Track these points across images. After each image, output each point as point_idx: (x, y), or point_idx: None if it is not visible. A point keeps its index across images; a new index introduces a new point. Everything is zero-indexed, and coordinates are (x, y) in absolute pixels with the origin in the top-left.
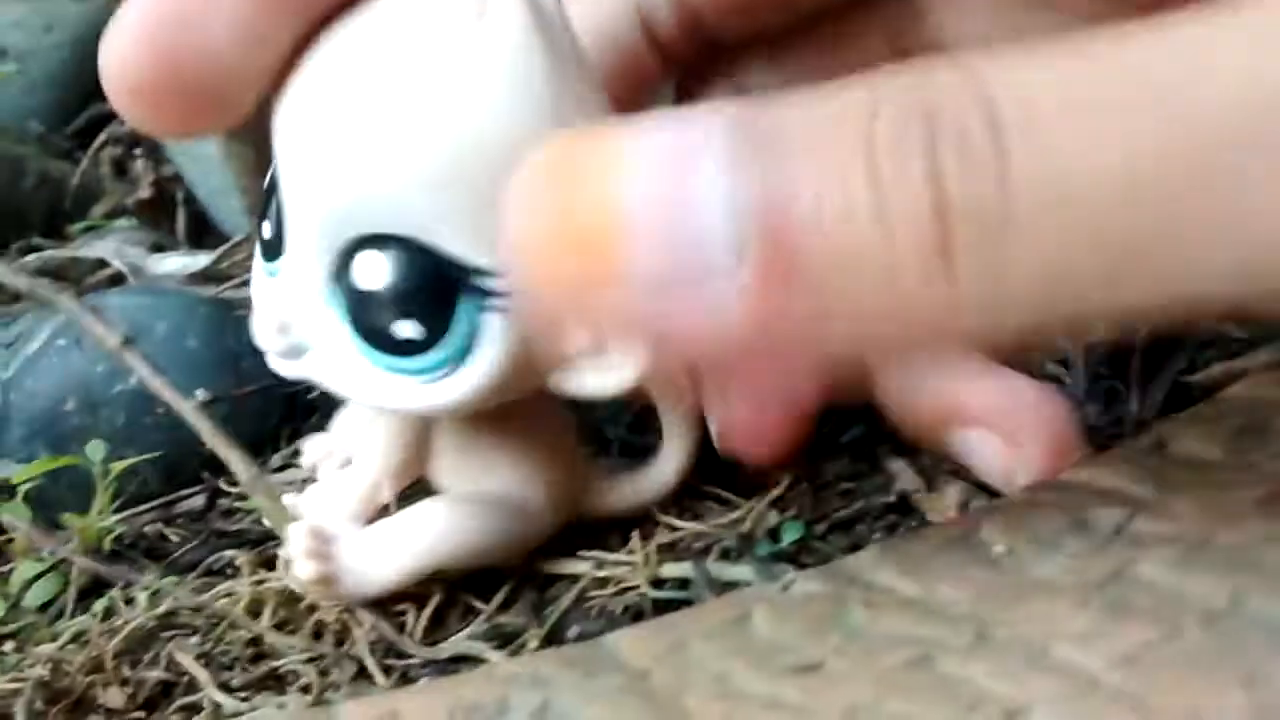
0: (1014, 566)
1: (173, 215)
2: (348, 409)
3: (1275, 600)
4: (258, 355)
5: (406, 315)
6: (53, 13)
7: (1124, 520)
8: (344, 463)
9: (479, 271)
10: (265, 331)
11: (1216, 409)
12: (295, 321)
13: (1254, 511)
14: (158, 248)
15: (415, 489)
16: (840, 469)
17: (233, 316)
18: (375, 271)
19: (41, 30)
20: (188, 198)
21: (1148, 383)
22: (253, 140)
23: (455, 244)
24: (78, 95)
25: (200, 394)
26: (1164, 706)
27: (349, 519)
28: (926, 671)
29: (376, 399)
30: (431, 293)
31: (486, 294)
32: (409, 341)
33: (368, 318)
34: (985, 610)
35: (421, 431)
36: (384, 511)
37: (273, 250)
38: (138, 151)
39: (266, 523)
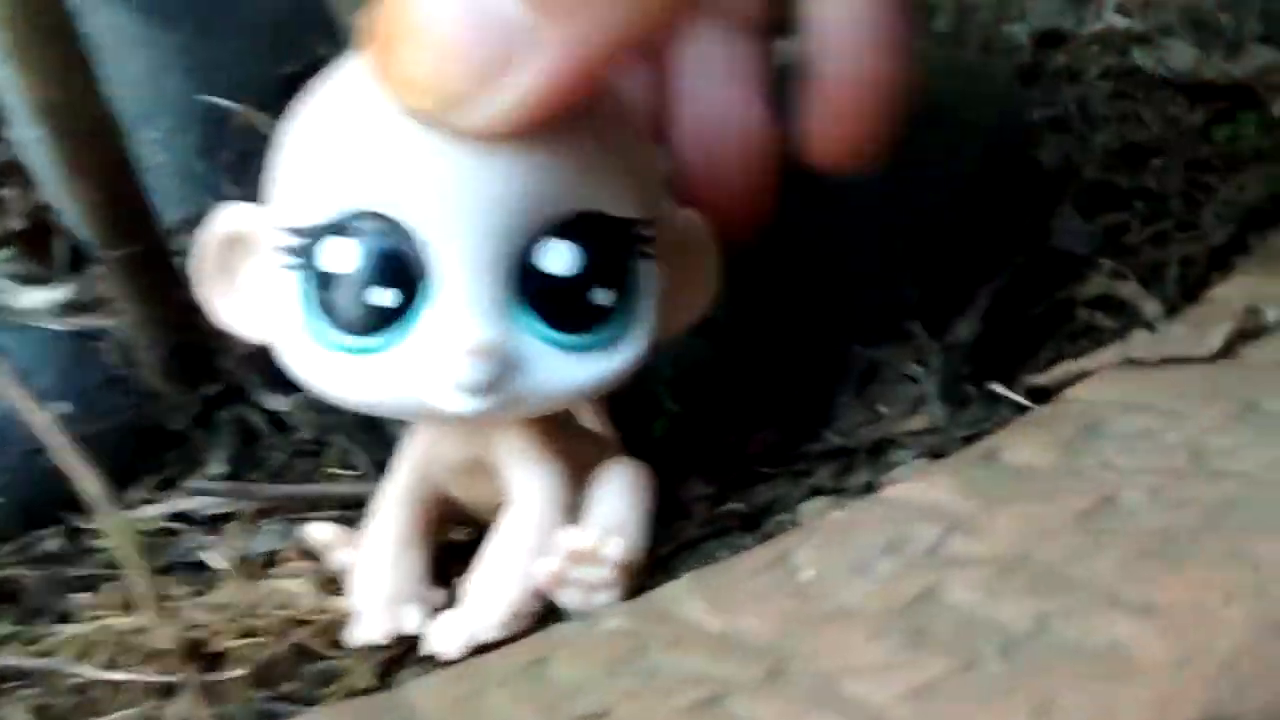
0: (819, 593)
1: (49, 246)
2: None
3: (1079, 623)
4: (113, 389)
5: (602, 284)
6: None
7: (939, 539)
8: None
9: (643, 222)
10: (464, 366)
11: (1054, 412)
12: (498, 341)
13: (1073, 525)
14: (35, 279)
15: None
16: None
17: (89, 349)
18: (564, 258)
19: None
20: (65, 226)
21: (1006, 382)
22: (90, 178)
23: (627, 205)
24: None
25: (61, 406)
26: None
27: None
28: (713, 713)
29: (578, 385)
30: (613, 255)
31: (646, 242)
32: (600, 310)
33: (558, 305)
34: (784, 642)
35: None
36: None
37: (389, 318)
38: (7, 181)
39: (111, 549)
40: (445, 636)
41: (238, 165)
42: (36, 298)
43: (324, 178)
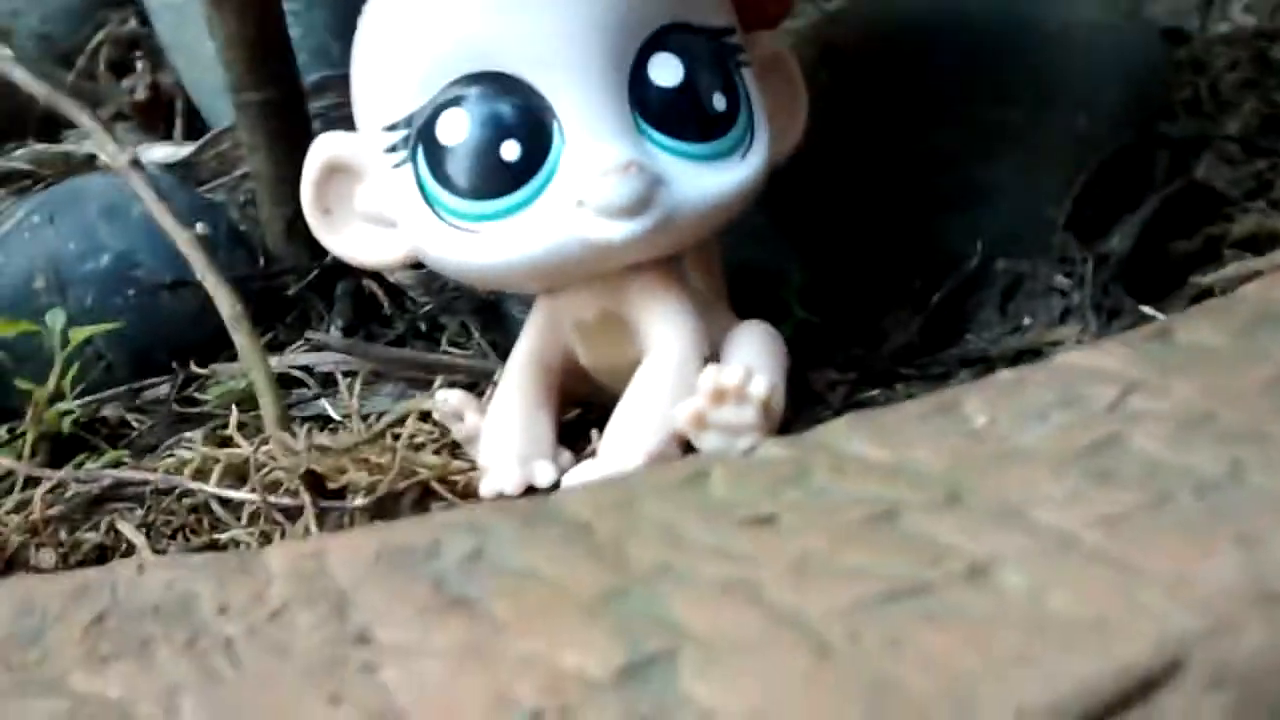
0: (994, 436)
1: (169, 118)
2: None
3: (1278, 473)
4: (233, 246)
5: (714, 90)
6: None
7: (1118, 397)
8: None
9: (729, 31)
10: (614, 186)
11: (1229, 302)
12: (638, 157)
13: (1260, 391)
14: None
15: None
16: None
17: (210, 205)
18: (670, 69)
19: None
20: (185, 100)
21: (1163, 294)
22: (236, 9)
23: (710, 15)
24: (93, 6)
25: (200, 227)
26: (1148, 565)
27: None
28: (888, 527)
29: (721, 195)
30: (717, 64)
31: (738, 51)
32: (720, 116)
33: (683, 116)
34: (960, 475)
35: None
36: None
37: (522, 172)
38: (136, 54)
39: (232, 381)
40: (585, 480)
41: None
42: (157, 153)
43: (416, 61)
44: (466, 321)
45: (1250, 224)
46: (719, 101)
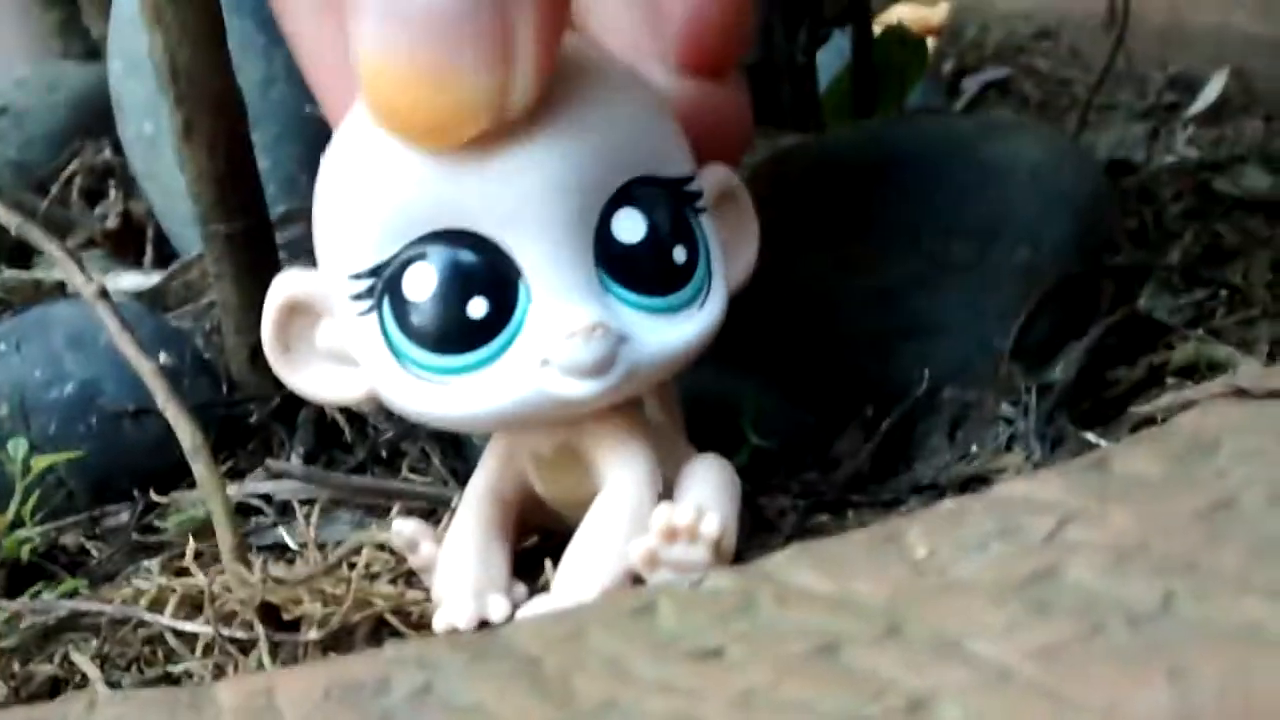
0: (935, 568)
1: (140, 245)
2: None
3: (1210, 602)
4: (198, 374)
5: (675, 242)
6: (56, 74)
7: (1056, 527)
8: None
9: (688, 179)
10: (580, 348)
11: (1164, 431)
12: (604, 319)
13: (1194, 521)
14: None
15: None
16: None
17: (176, 333)
18: (633, 225)
19: (45, 90)
20: (156, 229)
21: (1106, 421)
22: (206, 145)
23: (671, 165)
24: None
25: (163, 358)
26: (1082, 698)
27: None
28: (831, 660)
29: (683, 346)
30: (676, 215)
31: (695, 198)
32: (680, 268)
33: (643, 271)
34: (900, 606)
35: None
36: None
37: (489, 329)
38: (109, 183)
39: (192, 510)
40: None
41: None
42: (128, 282)
43: (381, 213)
44: (426, 448)
45: (1190, 352)
46: (679, 254)
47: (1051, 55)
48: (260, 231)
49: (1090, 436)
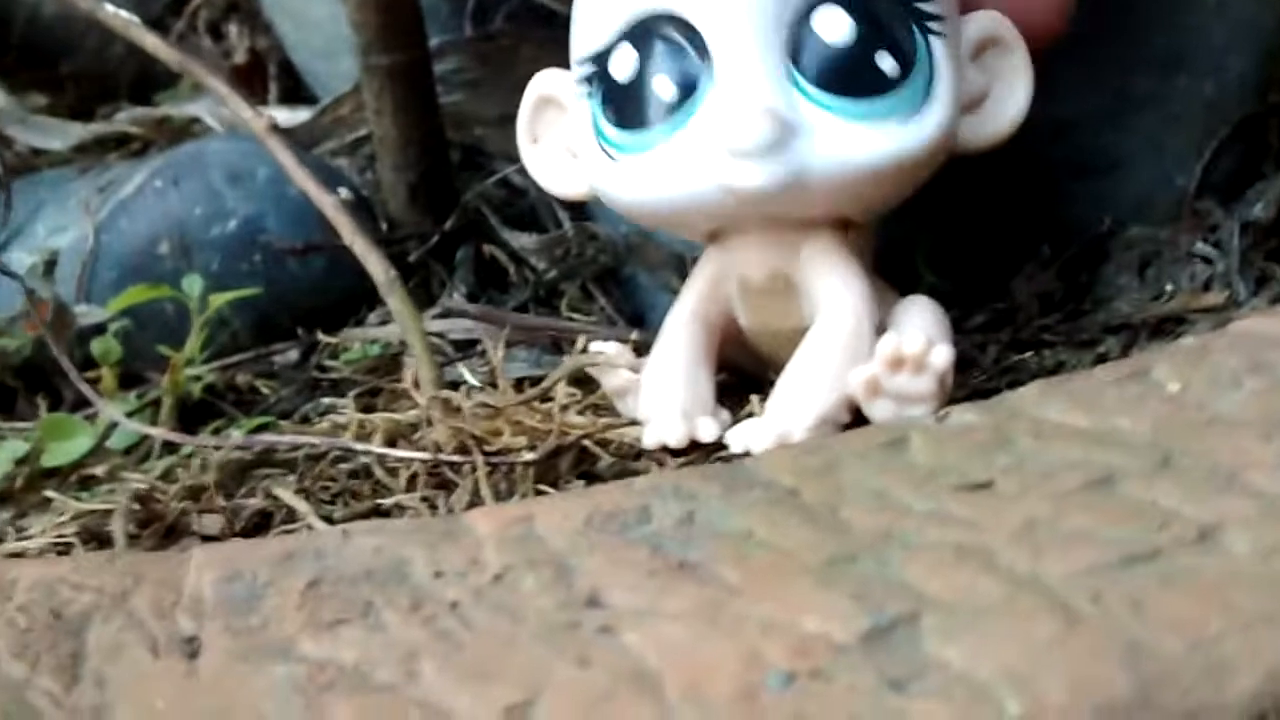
0: (1192, 402)
1: (265, 83)
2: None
3: None
4: (356, 212)
5: (882, 48)
6: None
7: None
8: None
9: None
10: (744, 128)
11: None
12: (779, 106)
13: None
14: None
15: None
16: None
17: (331, 170)
18: (837, 24)
19: None
20: (282, 65)
21: None
22: None
23: None
24: None
25: (343, 192)
26: None
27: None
28: (1108, 492)
29: (867, 158)
30: (895, 23)
31: (929, 19)
32: (886, 79)
33: (841, 72)
34: (1166, 440)
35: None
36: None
37: (674, 109)
38: (233, 17)
39: (381, 337)
40: (753, 436)
41: (479, 10)
42: (284, 116)
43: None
44: (589, 287)
45: None
46: (886, 63)
47: None
48: (420, 65)
49: None
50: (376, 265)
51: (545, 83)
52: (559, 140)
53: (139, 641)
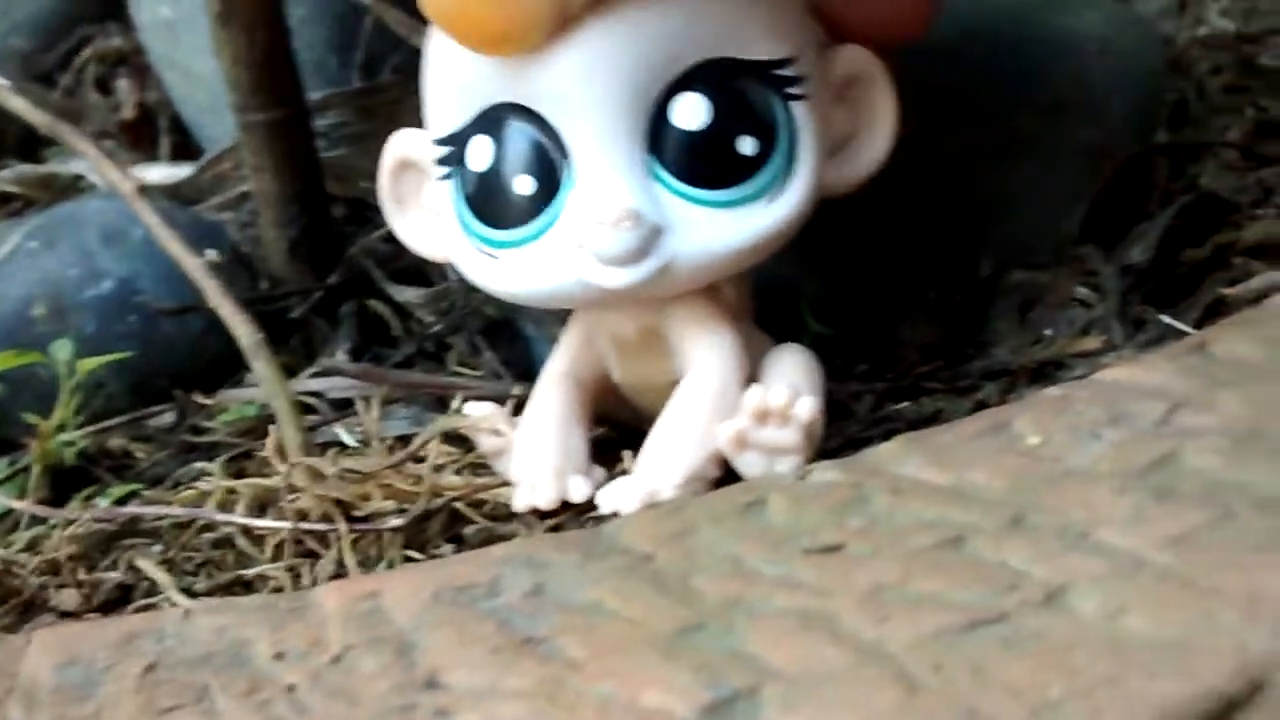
0: (1049, 455)
1: (154, 138)
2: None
3: None
4: (235, 268)
5: (742, 131)
6: None
7: (1166, 414)
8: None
9: (778, 63)
10: (609, 237)
11: (1259, 315)
12: (642, 208)
13: None
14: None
15: None
16: None
17: (212, 226)
18: (694, 111)
19: None
20: (172, 120)
21: (1176, 303)
22: (244, 30)
23: (760, 46)
24: (63, 20)
25: (210, 254)
26: (1219, 586)
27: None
28: (958, 552)
29: (734, 243)
30: (753, 102)
31: (789, 83)
32: (746, 160)
33: (702, 162)
34: (1020, 497)
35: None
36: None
37: (535, 207)
38: (121, 71)
39: (257, 399)
40: (621, 496)
41: (367, 64)
42: (156, 175)
43: (457, 82)
44: (476, 341)
45: (1259, 231)
46: (747, 145)
47: None
48: (298, 120)
49: (1167, 319)
50: (242, 327)
51: (403, 145)
52: (423, 202)
53: None
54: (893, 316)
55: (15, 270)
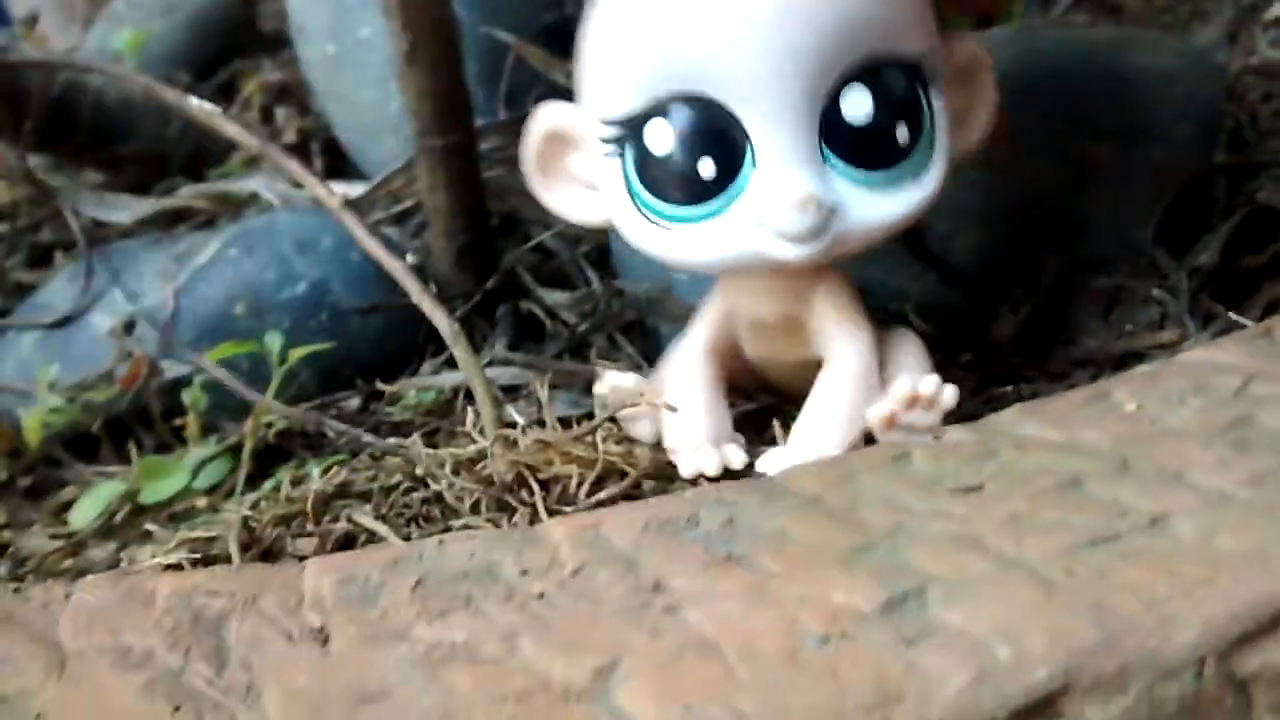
0: (1146, 418)
1: (309, 159)
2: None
3: None
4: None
5: (899, 120)
6: None
7: (1242, 385)
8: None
9: (924, 56)
10: (792, 218)
11: None
12: (819, 192)
13: None
14: (297, 187)
15: None
16: None
17: (385, 237)
18: (860, 103)
19: (161, 11)
20: (325, 143)
21: (1239, 302)
22: (428, 66)
23: (908, 43)
24: (219, 48)
25: (410, 257)
26: None
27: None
28: (1077, 491)
29: (890, 219)
30: (908, 93)
31: (930, 77)
32: (901, 148)
33: (864, 148)
34: (1124, 449)
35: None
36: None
37: (715, 186)
38: (283, 100)
39: (457, 379)
40: (782, 464)
41: (511, 95)
42: (341, 190)
43: (631, 68)
44: (614, 337)
45: None
46: (902, 133)
47: None
48: (468, 145)
49: (1233, 315)
50: (442, 320)
51: (554, 118)
52: (571, 172)
53: (275, 634)
54: (985, 318)
55: (217, 274)
